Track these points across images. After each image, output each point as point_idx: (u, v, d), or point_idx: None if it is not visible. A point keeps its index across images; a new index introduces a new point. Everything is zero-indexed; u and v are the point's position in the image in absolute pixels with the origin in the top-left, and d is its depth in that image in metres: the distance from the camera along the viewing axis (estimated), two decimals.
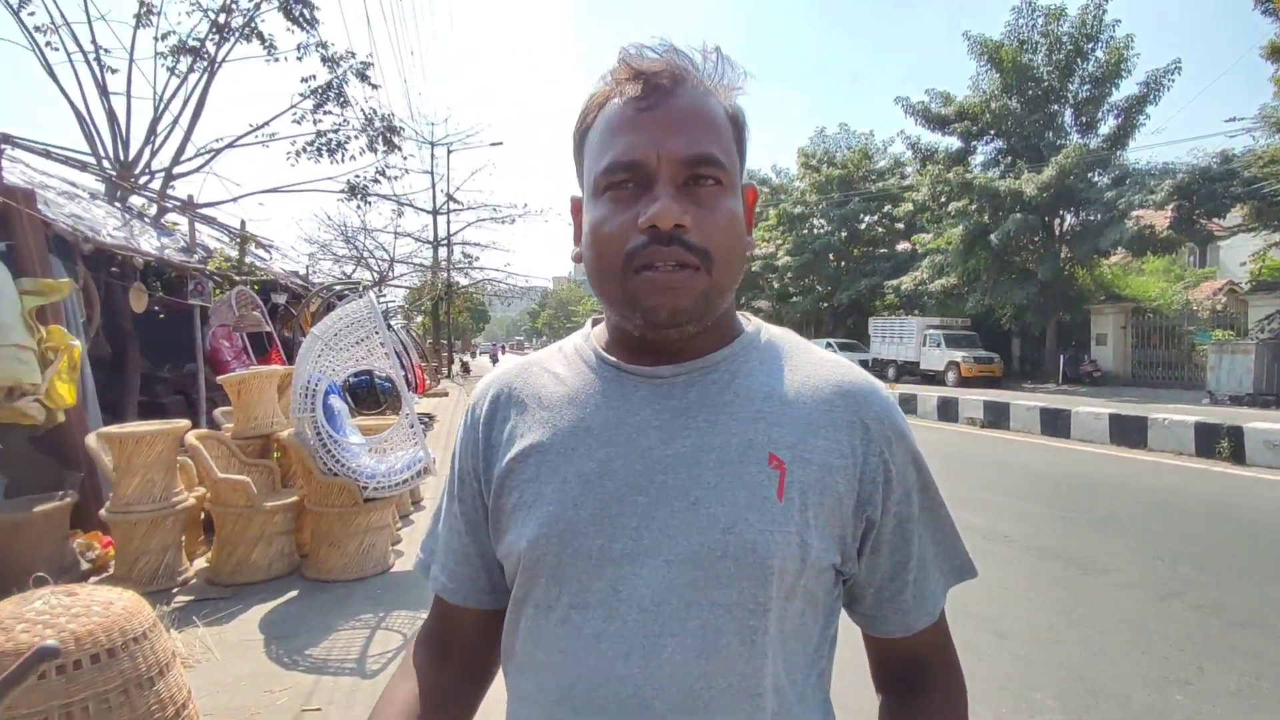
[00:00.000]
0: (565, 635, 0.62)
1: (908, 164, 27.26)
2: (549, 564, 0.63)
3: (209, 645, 3.21)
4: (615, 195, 0.63)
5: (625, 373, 0.68)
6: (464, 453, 0.74)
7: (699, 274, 0.61)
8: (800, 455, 0.62)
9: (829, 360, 0.71)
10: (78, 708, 1.87)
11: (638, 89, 0.62)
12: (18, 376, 4.07)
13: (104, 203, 7.69)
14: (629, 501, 0.62)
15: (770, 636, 0.60)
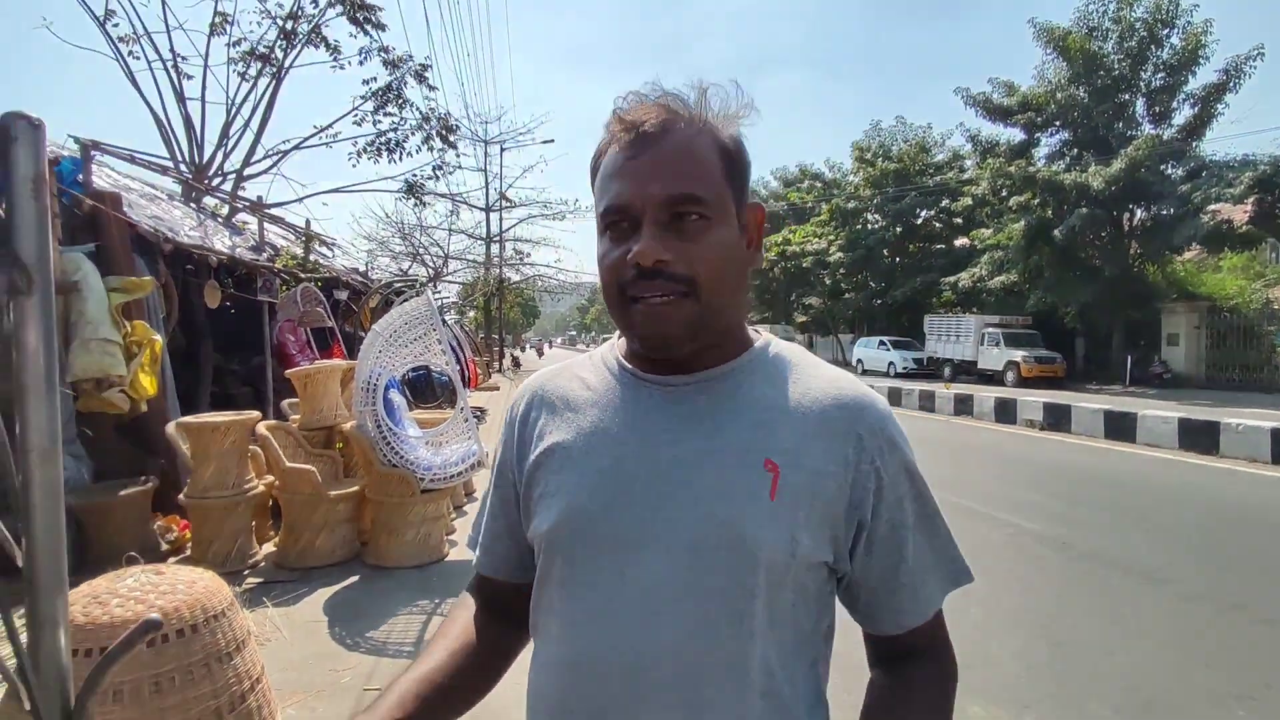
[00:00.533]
0: (576, 610, 0.71)
1: (967, 157, 26.52)
2: (565, 547, 0.72)
3: (278, 625, 3.41)
4: (612, 234, 0.71)
5: (642, 380, 0.76)
6: (504, 447, 0.85)
7: (686, 300, 0.68)
8: (794, 460, 0.69)
9: (831, 374, 0.77)
10: (165, 678, 2.03)
11: (627, 139, 0.70)
12: (106, 369, 4.36)
13: (181, 204, 8.12)
14: (638, 495, 0.70)
15: (758, 620, 0.67)
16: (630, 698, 0.67)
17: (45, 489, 1.03)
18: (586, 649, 0.69)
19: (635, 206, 0.69)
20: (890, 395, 15.44)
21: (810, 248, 30.01)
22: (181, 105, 10.90)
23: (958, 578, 0.77)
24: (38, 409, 1.03)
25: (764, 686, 0.68)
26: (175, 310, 5.80)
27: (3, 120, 1.03)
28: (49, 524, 1.04)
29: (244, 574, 4.18)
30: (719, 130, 0.73)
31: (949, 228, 28.00)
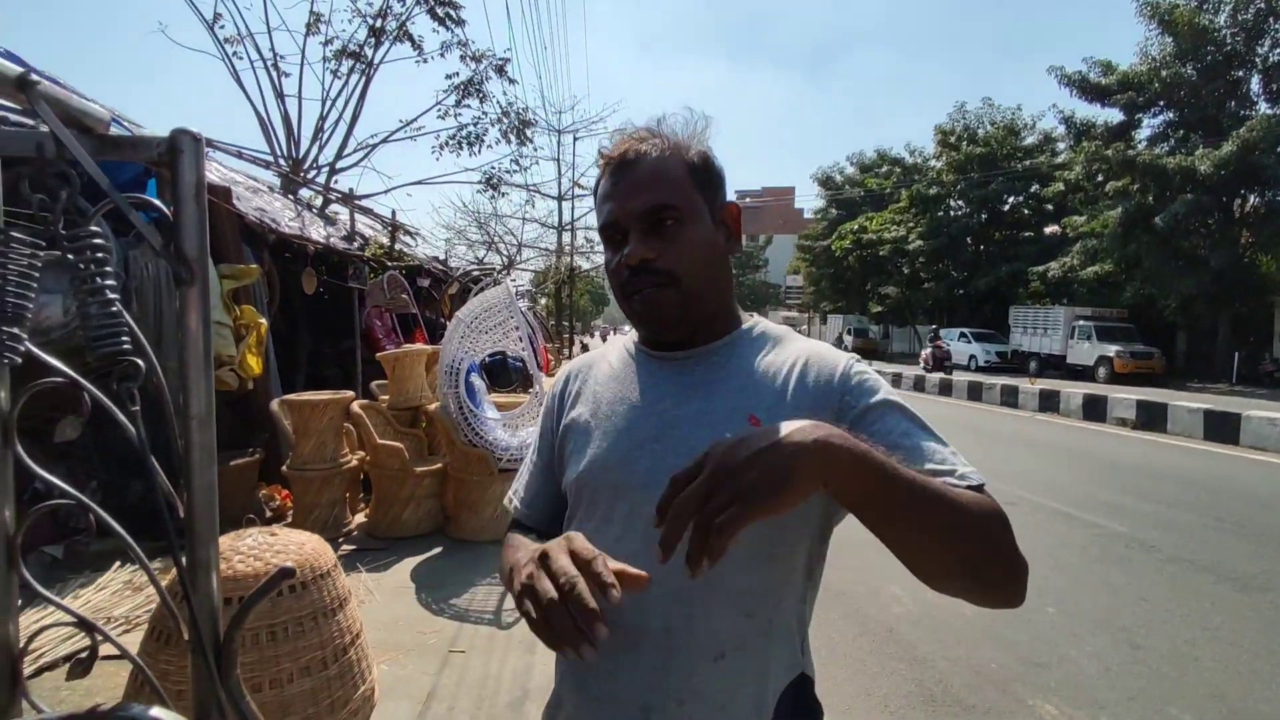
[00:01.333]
0: (598, 541, 0.79)
1: (1059, 140, 25.15)
2: (588, 492, 0.89)
3: (370, 589, 3.68)
4: (611, 246, 0.89)
5: (651, 358, 0.94)
6: (545, 417, 1.04)
7: (670, 289, 0.85)
8: (773, 415, 0.79)
9: (805, 344, 0.91)
10: (280, 628, 2.26)
11: (610, 169, 0.89)
12: (218, 349, 4.76)
13: (280, 196, 8.64)
14: (646, 448, 0.85)
15: (741, 549, 0.71)
16: (636, 607, 0.78)
17: (203, 450, 1.21)
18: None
19: (622, 221, 0.86)
20: (969, 390, 14.94)
21: (888, 235, 29.14)
22: (280, 102, 11.58)
23: (965, 476, 0.77)
24: (198, 382, 1.20)
25: (746, 608, 0.81)
26: (277, 296, 6.23)
27: (171, 136, 1.20)
28: (205, 482, 1.21)
29: (339, 541, 4.50)
30: (683, 151, 0.89)
31: (1038, 214, 26.64)
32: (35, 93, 1.03)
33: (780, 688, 0.84)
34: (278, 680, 2.18)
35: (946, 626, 3.52)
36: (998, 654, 3.24)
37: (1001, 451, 8.52)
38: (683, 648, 0.80)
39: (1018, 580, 0.74)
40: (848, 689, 2.94)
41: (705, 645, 0.80)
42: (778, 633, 0.83)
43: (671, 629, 0.80)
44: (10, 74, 1.01)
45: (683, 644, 0.80)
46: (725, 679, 0.80)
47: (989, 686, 2.95)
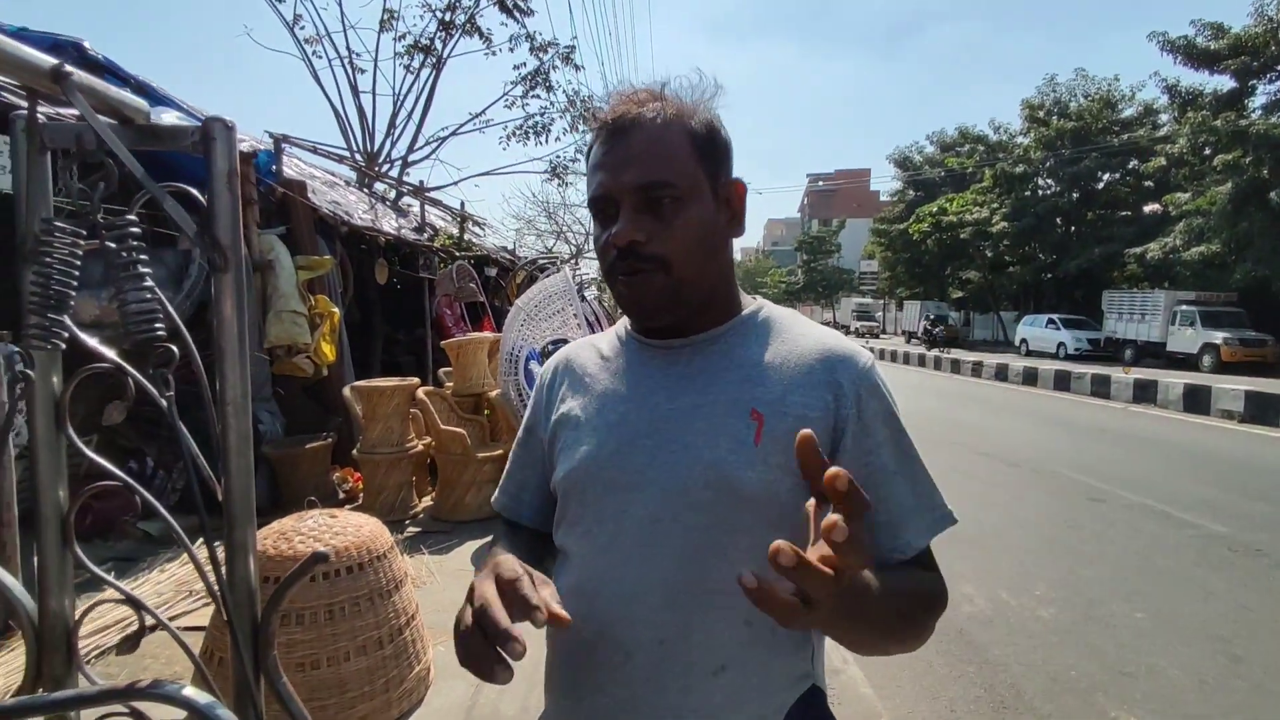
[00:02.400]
0: (585, 544, 0.80)
1: (1161, 111, 23.33)
2: (578, 491, 0.82)
3: (433, 570, 3.77)
4: (600, 220, 0.81)
5: (645, 346, 0.86)
6: (533, 409, 0.96)
7: (658, 275, 0.77)
8: (778, 409, 0.76)
9: (818, 333, 0.84)
10: (336, 607, 2.33)
11: (604, 134, 0.79)
12: (294, 337, 4.96)
13: (355, 189, 8.95)
14: (639, 444, 0.79)
15: (742, 552, 0.71)
16: (626, 621, 0.74)
17: (239, 436, 1.22)
18: (591, 578, 0.78)
19: (613, 195, 0.78)
20: (1056, 379, 14.14)
21: (970, 217, 27.79)
22: (355, 98, 12.00)
23: (940, 522, 0.78)
24: (233, 368, 1.22)
25: (748, 616, 0.73)
26: (350, 286, 6.46)
27: (204, 124, 1.21)
28: (241, 466, 1.23)
29: (405, 523, 4.63)
30: (687, 118, 0.80)
31: (1136, 192, 24.83)
32: (70, 83, 1.05)
33: (788, 702, 0.77)
34: (334, 658, 2.25)
35: (1022, 629, 3.33)
36: (1079, 660, 3.03)
37: (1089, 444, 8.02)
38: (679, 661, 0.74)
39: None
40: (910, 691, 2.81)
41: (703, 658, 0.74)
42: (782, 642, 0.77)
43: (666, 641, 0.74)
44: (45, 65, 1.03)
45: (679, 657, 0.74)
46: (726, 694, 0.74)
47: (1067, 695, 2.77)
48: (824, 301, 50.88)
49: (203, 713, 1.07)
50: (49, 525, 1.22)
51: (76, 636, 1.26)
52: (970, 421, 9.55)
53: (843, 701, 2.64)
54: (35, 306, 1.11)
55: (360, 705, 2.28)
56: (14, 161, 1.20)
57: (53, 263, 1.11)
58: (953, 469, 6.62)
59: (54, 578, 1.22)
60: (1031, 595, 3.70)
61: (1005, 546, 4.46)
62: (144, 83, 5.15)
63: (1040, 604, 3.60)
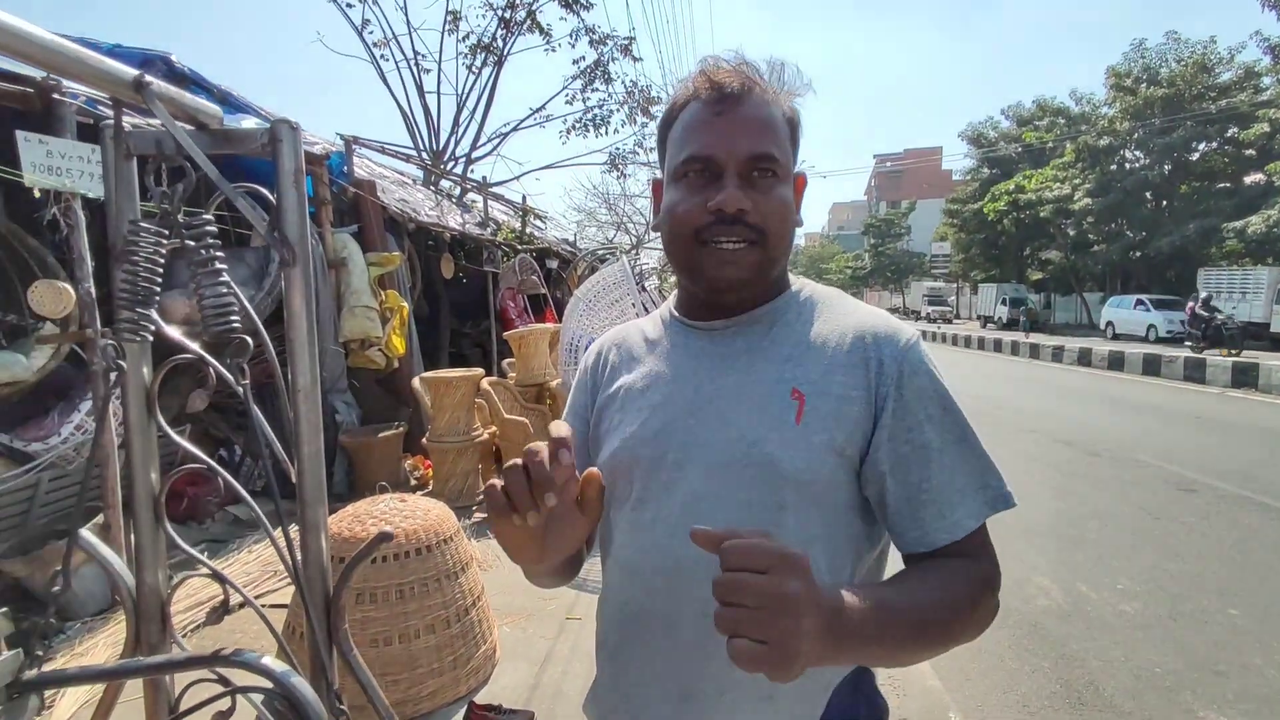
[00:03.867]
0: (632, 521, 0.81)
1: (1264, 74, 21.55)
2: (624, 469, 0.83)
3: (498, 555, 3.88)
4: (690, 182, 0.79)
5: (689, 328, 0.87)
6: (577, 390, 0.98)
7: (755, 248, 0.77)
8: (820, 389, 0.76)
9: (861, 310, 0.83)
10: (406, 587, 2.43)
11: (713, 96, 0.78)
12: (367, 331, 5.17)
13: (421, 187, 9.22)
14: (681, 424, 0.80)
15: (789, 533, 0.71)
16: (671, 597, 0.76)
17: (309, 421, 1.29)
18: (637, 554, 0.80)
19: (720, 158, 0.77)
20: (1145, 364, 13.35)
21: (1049, 194, 26.42)
22: (421, 98, 12.33)
23: (995, 502, 0.76)
24: (302, 358, 1.29)
25: None
26: (419, 281, 6.68)
27: (271, 126, 1.28)
28: (312, 450, 1.30)
29: (472, 509, 4.78)
30: (785, 101, 0.82)
31: (1236, 162, 23.03)
32: (149, 92, 1.13)
33: (833, 682, 0.77)
34: (405, 635, 2.35)
35: (1102, 624, 3.18)
36: (1164, 658, 2.88)
37: (1180, 431, 7.56)
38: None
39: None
40: (981, 685, 2.74)
41: None
42: None
43: (709, 614, 0.75)
44: (127, 76, 1.11)
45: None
46: None
47: (1150, 692, 2.64)
48: (893, 286, 49.43)
49: (279, 679, 1.14)
50: (143, 506, 1.32)
51: (170, 608, 1.36)
52: (1048, 409, 9.13)
53: (908, 694, 2.59)
54: (125, 302, 1.20)
55: (429, 681, 2.38)
56: (104, 168, 1.30)
57: (139, 261, 1.20)
58: (1029, 458, 6.36)
59: (148, 554, 1.33)
60: (1113, 589, 3.53)
61: (1084, 539, 4.26)
62: (226, 91, 5.44)
63: (1122, 598, 3.43)
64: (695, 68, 0.83)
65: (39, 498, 3.41)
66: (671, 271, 4.30)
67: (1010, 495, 0.77)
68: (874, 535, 0.80)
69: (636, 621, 0.79)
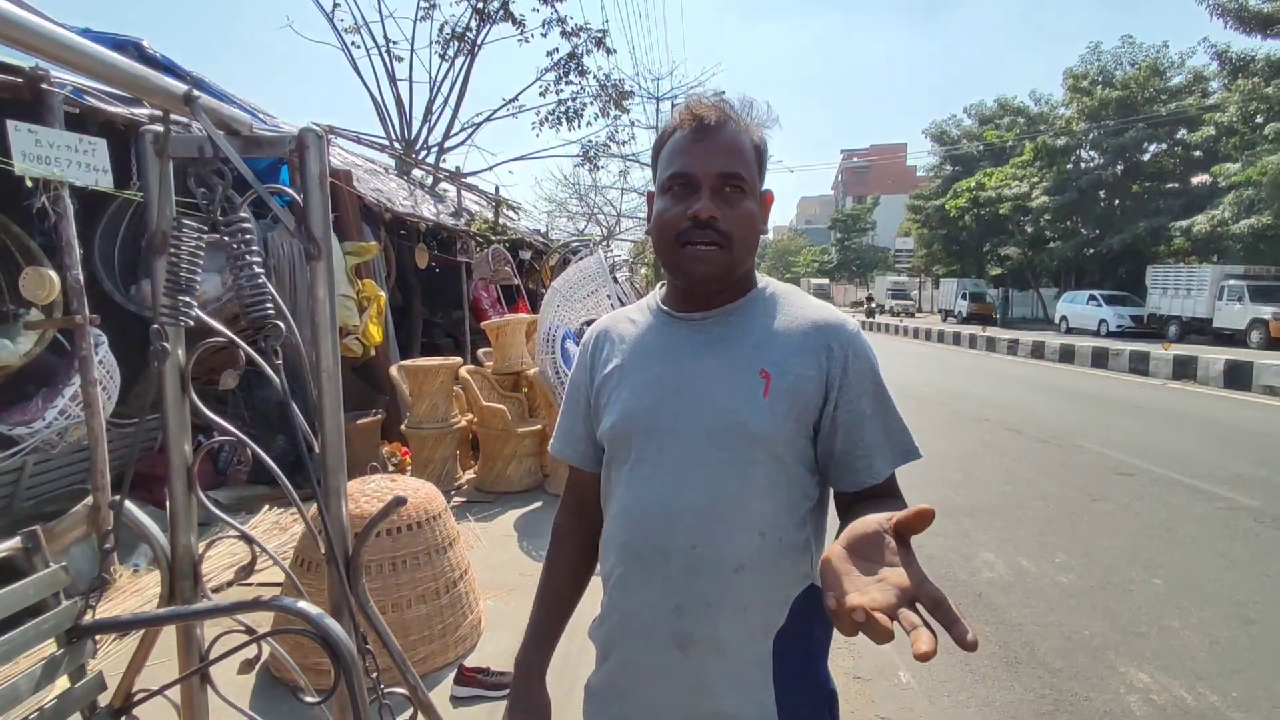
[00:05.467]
0: (631, 478, 1.01)
1: (1212, 78, 22.44)
2: (623, 436, 1.02)
3: (479, 536, 4.04)
4: (674, 194, 0.97)
5: (674, 317, 1.05)
6: (579, 371, 1.15)
7: (723, 251, 0.96)
8: (782, 369, 0.96)
9: (814, 304, 1.03)
10: (399, 560, 2.59)
11: (694, 125, 0.97)
12: (344, 320, 5.25)
13: (394, 176, 9.23)
14: (670, 398, 0.98)
15: (757, 483, 0.94)
16: (666, 530, 0.96)
17: (332, 397, 1.45)
18: (638, 500, 0.99)
19: (697, 176, 0.95)
20: (1094, 357, 13.95)
21: (1009, 192, 27.18)
22: (393, 87, 12.26)
23: (906, 454, 0.99)
24: (325, 341, 1.44)
25: (760, 528, 0.95)
26: (393, 270, 6.74)
27: (300, 133, 1.43)
28: (334, 423, 1.46)
29: (451, 494, 4.92)
30: (753, 131, 1.01)
31: (1185, 163, 23.98)
32: (197, 106, 1.28)
33: (793, 595, 0.98)
34: (399, 605, 2.51)
35: (1039, 593, 3.46)
36: (1093, 622, 3.17)
37: (1122, 420, 7.99)
38: (708, 561, 0.94)
39: None
40: None
41: (726, 559, 0.94)
42: (787, 549, 0.97)
43: (698, 546, 0.94)
44: (178, 91, 1.26)
45: (708, 558, 0.94)
46: (744, 586, 0.94)
47: (1079, 652, 2.91)
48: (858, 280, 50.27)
49: (314, 620, 1.31)
50: (178, 475, 1.46)
51: (201, 565, 1.51)
52: (1001, 399, 9.54)
53: (862, 655, 2.83)
54: (167, 289, 1.34)
55: (421, 648, 2.54)
56: (141, 169, 1.43)
57: (180, 253, 1.34)
58: (981, 445, 6.69)
59: (182, 518, 1.47)
60: (1051, 563, 3.83)
61: (1027, 518, 4.57)
62: (199, 78, 5.43)
63: (1059, 570, 3.72)
64: (682, 103, 1.03)
65: (24, 480, 3.46)
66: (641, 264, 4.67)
67: (917, 450, 1.00)
68: (816, 486, 1.01)
69: (638, 555, 0.98)
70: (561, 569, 1.18)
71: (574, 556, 1.18)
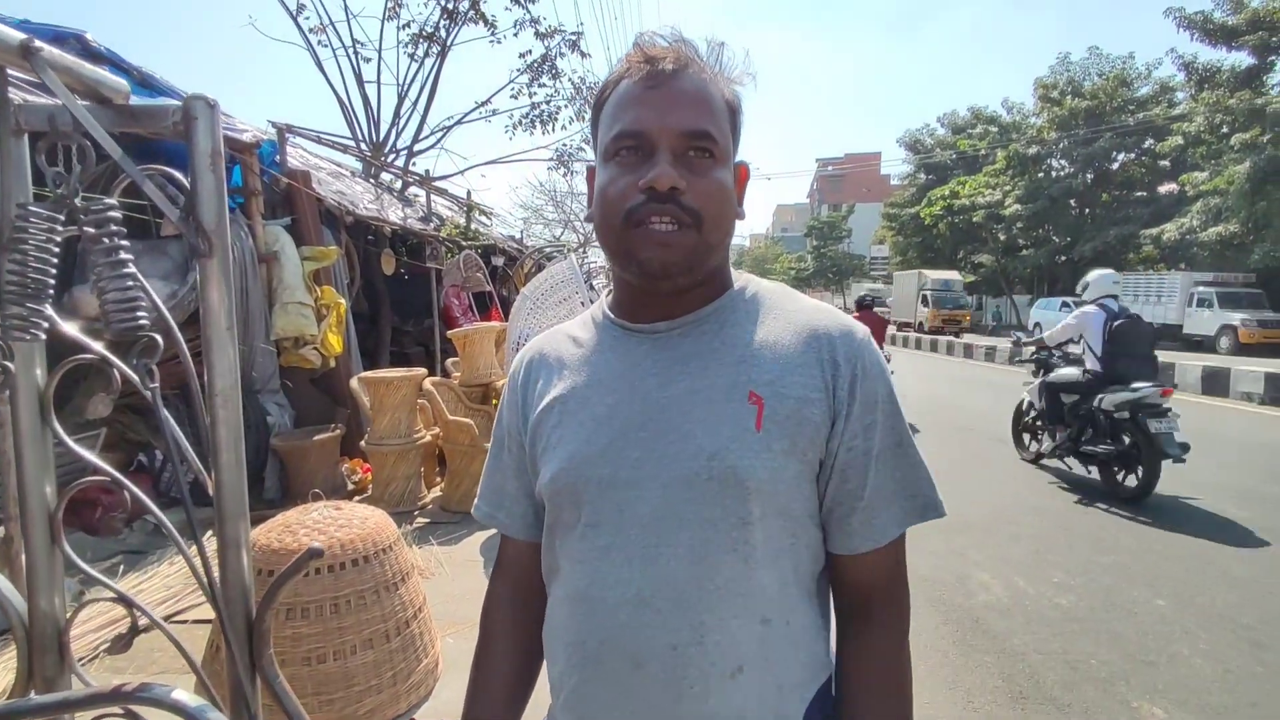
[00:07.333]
0: (583, 549, 0.74)
1: (1178, 89, 22.89)
2: (569, 492, 0.75)
3: (441, 562, 3.75)
4: (621, 161, 0.72)
5: (629, 331, 0.79)
6: (508, 411, 0.88)
7: (690, 231, 0.70)
8: (777, 391, 0.71)
9: (810, 307, 0.79)
10: (342, 600, 2.30)
11: (646, 70, 0.72)
12: (301, 328, 4.94)
13: (360, 179, 8.91)
14: (632, 437, 0.73)
15: (755, 547, 0.68)
16: (636, 625, 0.69)
17: (228, 427, 1.17)
18: (593, 583, 0.72)
19: (652, 134, 0.70)
20: None
21: (982, 200, 27.47)
22: (360, 88, 11.94)
23: (923, 511, 0.75)
24: (220, 357, 1.16)
25: (764, 613, 0.70)
26: (357, 277, 6.44)
27: (185, 102, 1.16)
28: (232, 459, 1.18)
29: (414, 514, 4.62)
30: (724, 84, 0.76)
31: (1152, 172, 24.44)
32: (40, 60, 0.99)
33: (809, 695, 0.73)
34: (341, 652, 2.22)
35: (1040, 618, 3.27)
36: (1098, 649, 2.97)
37: None
38: (694, 665, 0.69)
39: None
40: (929, 682, 2.76)
41: (720, 660, 0.69)
42: (798, 636, 0.72)
43: (679, 646, 0.69)
44: (12, 41, 0.98)
45: (694, 661, 0.69)
46: (745, 695, 0.69)
47: (1087, 684, 2.71)
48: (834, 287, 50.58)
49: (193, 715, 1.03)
50: (37, 524, 1.17)
51: (68, 636, 1.22)
52: (981, 408, 9.45)
53: None
54: (14, 296, 1.06)
55: (368, 699, 2.25)
56: None
57: (29, 250, 1.06)
58: (966, 455, 6.55)
59: (42, 577, 1.18)
60: (1049, 583, 3.64)
61: (1021, 534, 4.39)
62: (147, 74, 5.11)
63: (1058, 591, 3.54)
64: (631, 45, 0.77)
65: None
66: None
67: (939, 504, 0.76)
68: (823, 543, 0.77)
69: (597, 661, 0.72)
70: (500, 678, 0.88)
71: (510, 661, 0.88)
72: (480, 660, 0.90)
